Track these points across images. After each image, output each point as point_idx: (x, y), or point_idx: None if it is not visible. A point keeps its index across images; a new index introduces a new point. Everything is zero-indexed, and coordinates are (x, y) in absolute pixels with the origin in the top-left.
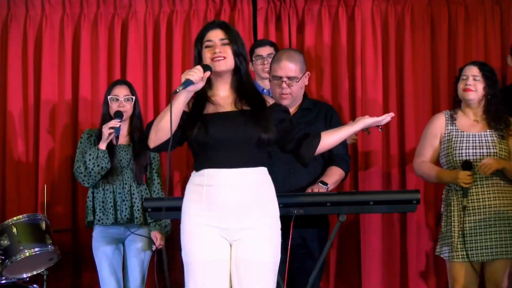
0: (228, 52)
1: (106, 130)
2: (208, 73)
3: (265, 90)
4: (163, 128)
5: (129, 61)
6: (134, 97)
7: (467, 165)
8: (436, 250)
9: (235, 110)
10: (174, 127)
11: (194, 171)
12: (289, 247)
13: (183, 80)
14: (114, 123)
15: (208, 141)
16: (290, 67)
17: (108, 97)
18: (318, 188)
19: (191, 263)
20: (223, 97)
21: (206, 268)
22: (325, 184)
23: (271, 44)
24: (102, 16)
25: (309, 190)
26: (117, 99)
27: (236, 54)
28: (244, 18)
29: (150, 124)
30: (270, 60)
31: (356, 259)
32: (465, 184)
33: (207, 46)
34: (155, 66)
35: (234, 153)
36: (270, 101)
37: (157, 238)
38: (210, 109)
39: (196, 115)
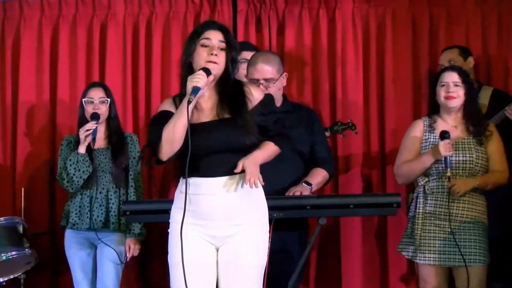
0: (222, 57)
1: (82, 133)
2: (211, 77)
3: None
4: (177, 140)
5: (108, 63)
6: (109, 99)
7: (444, 134)
8: (398, 247)
9: (217, 119)
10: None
11: (181, 178)
12: (268, 250)
13: (190, 87)
14: (90, 125)
15: (192, 151)
16: (266, 69)
17: (83, 99)
18: (302, 188)
19: (176, 263)
20: (206, 99)
21: (191, 269)
22: (309, 184)
23: (254, 49)
24: (80, 17)
25: (292, 191)
26: (92, 102)
27: (230, 61)
28: (224, 20)
29: (154, 138)
30: None
31: (336, 263)
32: (447, 152)
33: (204, 45)
34: (134, 67)
35: (219, 162)
36: (254, 92)
37: (130, 248)
38: (193, 116)
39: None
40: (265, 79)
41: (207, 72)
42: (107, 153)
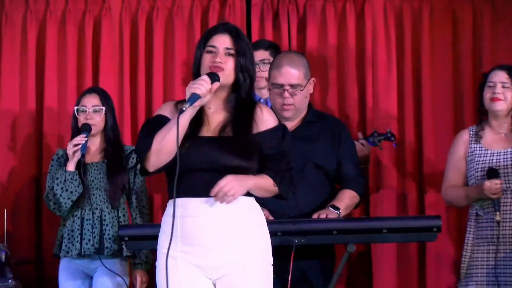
0: (229, 64)
1: (70, 149)
2: (217, 84)
3: (262, 100)
4: (166, 151)
5: (102, 65)
6: (104, 108)
7: (492, 172)
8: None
9: (216, 136)
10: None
11: (169, 200)
12: (289, 281)
13: (188, 95)
14: (79, 139)
15: (181, 167)
16: (292, 73)
17: (75, 108)
18: (328, 213)
19: None
20: (212, 113)
21: None
22: (337, 208)
23: (267, 47)
24: (71, 13)
25: (316, 216)
26: (85, 111)
27: (240, 69)
28: (236, 16)
29: (144, 145)
30: (264, 67)
31: None
32: (493, 195)
33: (208, 51)
34: (133, 70)
35: (206, 181)
36: (266, 116)
37: (139, 282)
38: (199, 129)
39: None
40: (291, 85)
41: (213, 78)
42: (102, 168)
